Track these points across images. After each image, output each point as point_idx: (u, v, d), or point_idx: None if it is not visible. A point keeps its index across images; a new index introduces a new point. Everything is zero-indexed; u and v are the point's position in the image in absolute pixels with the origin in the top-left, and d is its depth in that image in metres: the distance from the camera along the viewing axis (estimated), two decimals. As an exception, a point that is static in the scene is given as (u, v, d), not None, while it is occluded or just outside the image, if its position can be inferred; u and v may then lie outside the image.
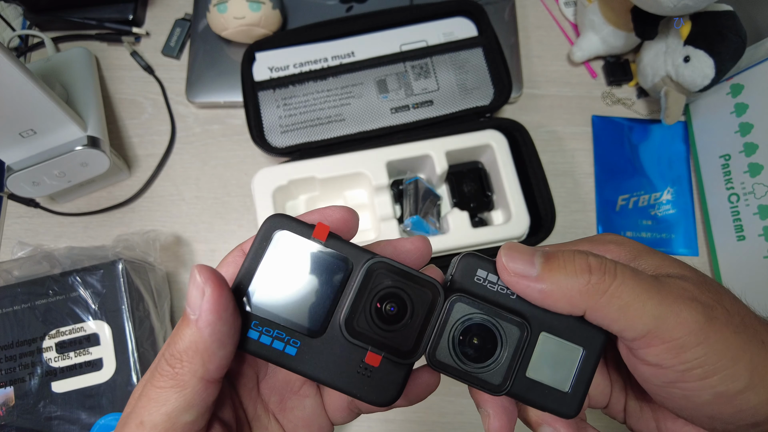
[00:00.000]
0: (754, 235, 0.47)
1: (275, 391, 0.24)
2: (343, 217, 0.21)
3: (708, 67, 0.46)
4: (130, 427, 0.18)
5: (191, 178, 0.54)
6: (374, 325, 0.20)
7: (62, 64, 0.51)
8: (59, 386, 0.40)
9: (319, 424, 0.24)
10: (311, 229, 0.20)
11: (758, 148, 0.47)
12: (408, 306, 0.20)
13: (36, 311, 0.42)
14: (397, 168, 0.48)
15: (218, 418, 0.20)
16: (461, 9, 0.53)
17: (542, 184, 0.47)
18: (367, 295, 0.20)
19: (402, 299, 0.20)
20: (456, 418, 0.48)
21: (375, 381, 0.20)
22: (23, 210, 0.53)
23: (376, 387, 0.20)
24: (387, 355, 0.20)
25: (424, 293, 0.20)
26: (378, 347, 0.20)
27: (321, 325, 0.20)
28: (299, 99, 0.50)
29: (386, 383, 0.20)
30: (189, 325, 0.18)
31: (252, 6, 0.49)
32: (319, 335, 0.20)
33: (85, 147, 0.45)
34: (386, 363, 0.20)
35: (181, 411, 0.17)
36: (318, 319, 0.20)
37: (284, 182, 0.45)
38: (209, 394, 0.18)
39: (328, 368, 0.20)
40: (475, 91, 0.51)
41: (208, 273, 0.18)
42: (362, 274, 0.20)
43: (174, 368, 0.18)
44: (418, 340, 0.20)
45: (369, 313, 0.20)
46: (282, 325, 0.20)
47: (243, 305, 0.20)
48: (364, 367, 0.20)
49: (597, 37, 0.54)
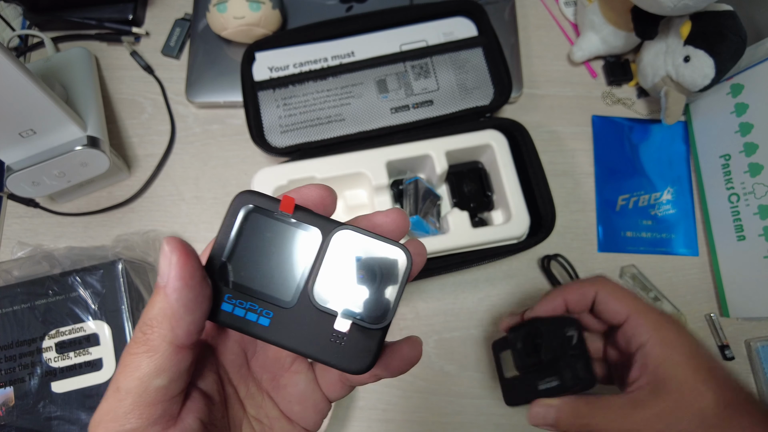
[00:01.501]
0: (755, 235, 0.47)
1: (266, 369, 0.24)
2: (320, 195, 0.21)
3: (708, 67, 0.46)
4: (108, 393, 0.18)
5: (191, 178, 0.54)
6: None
7: (62, 64, 0.51)
8: (59, 386, 0.41)
9: (314, 400, 0.24)
10: (278, 203, 0.20)
11: (758, 148, 0.47)
12: (377, 272, 0.20)
13: (36, 311, 0.42)
14: (397, 168, 0.48)
15: (198, 388, 0.21)
16: (461, 9, 0.53)
17: (542, 184, 0.47)
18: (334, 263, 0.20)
19: (370, 266, 0.20)
20: (456, 419, 0.48)
21: (348, 348, 0.20)
22: (23, 210, 0.53)
23: (350, 354, 0.20)
24: (356, 320, 0.20)
25: (392, 258, 0.20)
26: (346, 313, 0.20)
27: (292, 296, 0.20)
28: (299, 99, 0.50)
29: (360, 350, 0.20)
30: (158, 293, 0.18)
31: (252, 6, 0.49)
32: (291, 306, 0.20)
33: (84, 147, 0.45)
34: (356, 330, 0.20)
35: (153, 375, 0.18)
36: (289, 289, 0.20)
37: (284, 182, 0.45)
38: (180, 359, 0.19)
39: (302, 337, 0.20)
40: (475, 91, 0.51)
41: (175, 242, 0.18)
42: (330, 243, 0.20)
43: (145, 334, 0.18)
44: (387, 305, 0.20)
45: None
46: (255, 297, 0.20)
47: (216, 279, 0.20)
48: (335, 335, 0.20)
49: (597, 37, 0.54)
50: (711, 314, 0.51)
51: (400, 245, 0.20)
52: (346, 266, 0.20)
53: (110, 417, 0.18)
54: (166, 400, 0.18)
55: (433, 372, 0.49)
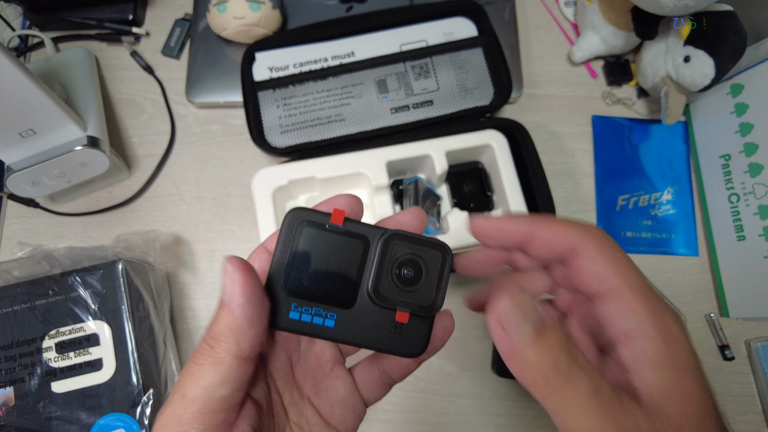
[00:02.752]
0: (755, 235, 0.47)
1: (309, 375, 0.25)
2: (350, 203, 0.23)
3: (708, 67, 0.46)
4: (174, 399, 0.20)
5: (191, 178, 0.54)
6: (397, 288, 0.22)
7: (62, 64, 0.51)
8: (59, 386, 0.40)
9: (352, 403, 0.25)
10: (328, 216, 0.23)
11: (758, 148, 0.47)
12: (423, 267, 0.23)
13: (36, 311, 0.42)
14: (397, 168, 0.48)
15: (251, 397, 0.22)
16: (461, 9, 0.53)
17: (542, 184, 0.47)
18: (386, 264, 0.22)
19: (417, 263, 0.23)
20: (456, 419, 0.48)
21: (406, 336, 0.23)
22: (23, 210, 0.53)
23: (408, 341, 0.23)
24: (413, 311, 0.22)
25: (435, 254, 0.23)
26: (404, 306, 0.22)
27: (351, 297, 0.23)
28: (299, 99, 0.50)
29: (416, 336, 0.23)
30: (223, 309, 0.20)
31: (252, 6, 0.49)
32: (352, 306, 0.23)
33: (84, 147, 0.45)
34: (413, 319, 0.23)
35: (218, 385, 0.19)
36: (348, 292, 0.23)
37: (284, 182, 0.45)
38: (243, 371, 0.20)
39: (365, 332, 0.23)
40: (475, 91, 0.51)
41: (237, 262, 0.20)
42: (380, 247, 0.22)
43: (212, 348, 0.20)
44: (435, 294, 0.23)
45: (391, 279, 0.22)
46: (318, 303, 0.23)
47: (280, 290, 0.22)
48: (395, 326, 0.23)
49: (597, 37, 0.54)
50: (711, 314, 0.51)
51: (438, 242, 0.23)
52: (396, 265, 0.23)
53: (176, 421, 0.19)
54: (227, 408, 0.20)
55: (433, 372, 0.49)
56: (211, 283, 0.51)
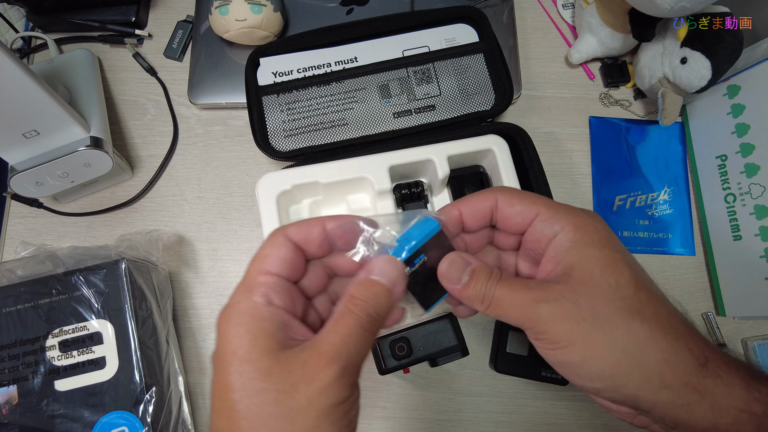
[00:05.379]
0: (751, 235, 0.48)
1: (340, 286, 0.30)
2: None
3: (705, 69, 0.47)
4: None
5: (193, 178, 0.55)
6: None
7: (65, 66, 0.51)
8: (62, 385, 0.41)
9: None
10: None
11: (755, 149, 0.48)
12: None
13: (39, 310, 0.42)
14: (399, 172, 0.49)
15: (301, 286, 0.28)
16: (463, 15, 0.53)
17: (543, 188, 0.48)
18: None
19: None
20: (455, 416, 0.49)
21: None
22: (26, 210, 0.53)
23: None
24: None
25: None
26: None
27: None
28: (303, 104, 0.51)
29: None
30: (381, 287, 0.26)
31: (253, 8, 0.49)
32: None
33: (88, 148, 0.45)
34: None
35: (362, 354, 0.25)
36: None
37: (288, 187, 0.46)
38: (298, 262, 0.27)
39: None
40: (476, 96, 0.51)
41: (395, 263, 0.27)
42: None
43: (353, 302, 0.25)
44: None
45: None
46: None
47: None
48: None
49: (594, 39, 0.55)
50: (708, 313, 0.51)
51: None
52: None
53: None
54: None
55: (432, 370, 0.50)
56: (213, 282, 0.52)
